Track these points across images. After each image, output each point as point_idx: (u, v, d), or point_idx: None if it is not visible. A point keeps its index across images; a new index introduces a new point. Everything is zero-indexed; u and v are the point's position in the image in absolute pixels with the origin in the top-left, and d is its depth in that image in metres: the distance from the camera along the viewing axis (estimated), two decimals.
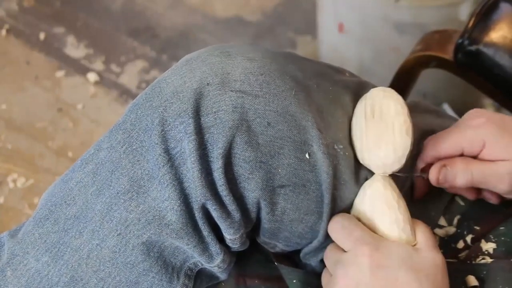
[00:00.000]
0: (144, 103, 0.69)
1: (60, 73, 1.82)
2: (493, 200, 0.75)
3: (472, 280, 0.68)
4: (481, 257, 0.71)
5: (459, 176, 0.70)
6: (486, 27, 0.95)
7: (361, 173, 0.70)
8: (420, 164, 0.74)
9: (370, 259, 0.62)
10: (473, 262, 0.70)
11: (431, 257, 0.63)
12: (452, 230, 0.77)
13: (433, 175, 0.71)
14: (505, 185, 0.69)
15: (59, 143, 1.67)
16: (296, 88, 0.69)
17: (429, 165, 0.73)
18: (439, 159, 0.72)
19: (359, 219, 0.68)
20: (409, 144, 0.67)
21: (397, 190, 0.68)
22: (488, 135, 0.70)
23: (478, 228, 0.75)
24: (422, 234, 0.66)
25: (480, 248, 0.72)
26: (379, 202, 0.67)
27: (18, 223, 1.43)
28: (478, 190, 0.75)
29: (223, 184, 0.66)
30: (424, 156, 0.73)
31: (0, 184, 1.58)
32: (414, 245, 0.65)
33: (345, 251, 0.66)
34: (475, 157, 0.71)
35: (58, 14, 1.98)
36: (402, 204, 0.67)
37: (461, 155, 0.71)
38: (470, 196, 0.75)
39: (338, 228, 0.67)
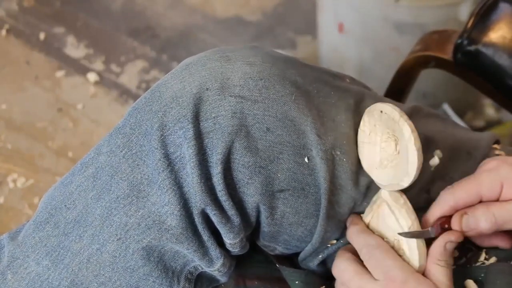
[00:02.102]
0: (144, 107, 0.69)
1: (60, 73, 1.82)
2: None
3: (471, 284, 0.67)
4: (479, 260, 0.71)
5: (482, 220, 0.66)
6: (485, 27, 0.95)
7: (361, 179, 0.70)
8: (436, 214, 0.69)
9: None
10: (472, 265, 0.70)
11: None
12: None
13: (456, 224, 0.67)
14: None
15: (59, 143, 1.67)
16: (296, 93, 0.69)
17: (447, 218, 0.68)
18: (457, 209, 0.68)
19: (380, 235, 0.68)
20: (421, 162, 0.65)
21: (405, 205, 0.68)
22: (504, 175, 0.67)
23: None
24: (435, 275, 0.65)
25: (479, 255, 0.72)
26: (386, 224, 0.67)
27: (18, 223, 1.43)
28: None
29: (222, 189, 0.66)
30: (441, 207, 0.68)
31: (0, 184, 1.58)
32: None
33: (373, 278, 0.65)
34: (496, 201, 0.68)
35: (58, 14, 1.98)
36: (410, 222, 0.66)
37: (481, 202, 0.68)
38: (507, 244, 0.71)
39: (368, 255, 0.66)
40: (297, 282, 0.73)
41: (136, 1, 2.01)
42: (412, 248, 0.66)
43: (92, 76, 1.81)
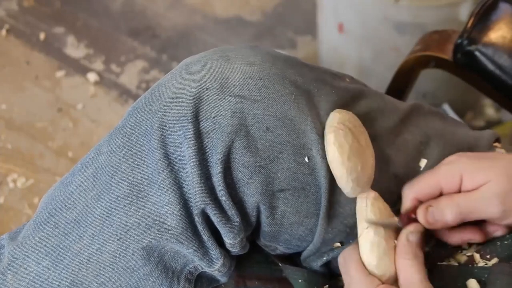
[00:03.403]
0: (144, 107, 0.69)
1: (60, 73, 1.82)
2: (500, 231, 0.71)
3: (473, 283, 0.67)
4: (482, 261, 0.70)
5: (446, 210, 0.66)
6: (485, 27, 0.95)
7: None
8: (404, 211, 0.69)
9: None
10: (474, 265, 0.70)
11: None
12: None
13: (421, 217, 0.67)
14: (495, 207, 0.66)
15: (59, 143, 1.67)
16: (295, 93, 0.69)
17: (413, 210, 0.69)
18: (419, 201, 0.69)
19: None
20: (344, 174, 0.66)
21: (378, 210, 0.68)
22: (463, 166, 0.68)
23: None
24: (403, 271, 0.64)
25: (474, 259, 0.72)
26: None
27: (18, 223, 1.43)
28: (483, 230, 0.71)
29: (222, 189, 0.66)
30: (404, 201, 0.70)
31: (0, 184, 1.58)
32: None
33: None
34: (457, 192, 0.68)
35: (58, 14, 1.98)
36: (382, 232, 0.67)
37: (441, 194, 0.69)
38: (478, 237, 0.71)
39: (341, 261, 0.68)
40: (300, 280, 0.73)
41: (136, 1, 2.01)
42: (365, 249, 0.66)
43: (92, 76, 1.81)
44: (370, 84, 0.84)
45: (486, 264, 0.70)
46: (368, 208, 0.67)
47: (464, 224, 0.70)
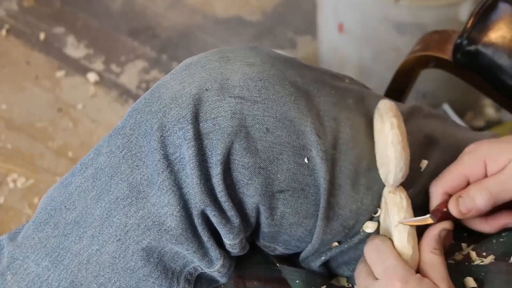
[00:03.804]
0: (143, 108, 0.69)
1: (60, 73, 1.82)
2: None
3: (470, 281, 0.68)
4: (479, 259, 0.71)
5: (477, 197, 0.66)
6: (485, 27, 0.95)
7: (360, 179, 0.70)
8: (435, 206, 0.70)
9: None
10: (471, 263, 0.70)
11: None
12: None
13: (454, 209, 0.68)
14: None
15: (59, 143, 1.67)
16: (295, 94, 0.69)
17: (444, 204, 0.69)
18: (448, 194, 0.69)
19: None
20: (399, 160, 0.66)
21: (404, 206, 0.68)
22: (484, 151, 0.68)
23: (465, 234, 0.75)
24: (431, 263, 0.65)
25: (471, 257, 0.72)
26: (389, 219, 0.68)
27: (18, 223, 1.43)
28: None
29: (222, 190, 0.66)
30: (434, 197, 0.70)
31: (0, 184, 1.58)
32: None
33: (376, 278, 0.65)
34: (484, 178, 0.69)
35: (58, 14, 1.98)
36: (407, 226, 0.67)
37: (468, 184, 0.69)
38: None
39: (373, 251, 0.67)
40: (297, 281, 0.73)
41: (136, 1, 2.01)
42: (402, 240, 0.66)
43: (92, 76, 1.81)
44: (370, 84, 0.84)
45: (482, 262, 0.70)
46: (403, 201, 0.67)
47: (497, 210, 0.70)
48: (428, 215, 0.68)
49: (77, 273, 0.70)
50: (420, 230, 0.68)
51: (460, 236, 0.74)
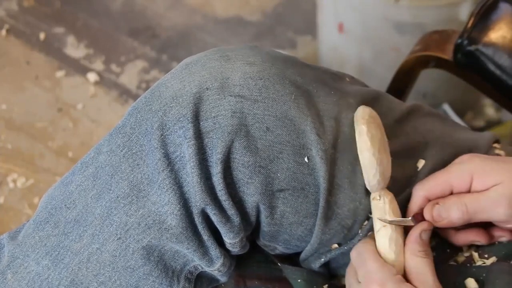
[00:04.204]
0: (144, 107, 0.70)
1: (60, 73, 1.82)
2: (507, 236, 0.71)
3: (471, 282, 0.68)
4: (481, 260, 0.71)
5: (453, 209, 0.67)
6: (485, 27, 0.95)
7: (358, 179, 0.70)
8: (413, 209, 0.70)
9: None
10: (473, 264, 0.70)
11: None
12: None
13: (427, 213, 0.68)
14: (503, 207, 0.66)
15: (59, 143, 1.67)
16: (295, 93, 0.69)
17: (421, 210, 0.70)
18: (428, 199, 0.70)
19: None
20: (373, 164, 0.66)
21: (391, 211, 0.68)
22: (474, 166, 0.68)
23: None
24: (415, 267, 0.65)
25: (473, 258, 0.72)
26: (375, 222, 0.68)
27: (18, 223, 1.43)
28: (489, 234, 0.72)
29: (222, 189, 0.67)
30: (414, 198, 0.70)
31: (0, 184, 1.58)
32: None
33: (359, 281, 0.66)
34: (467, 192, 0.69)
35: (58, 14, 1.98)
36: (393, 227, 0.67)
37: (451, 194, 0.69)
38: (483, 239, 0.71)
39: (356, 254, 0.67)
40: (299, 280, 0.73)
41: (136, 1, 2.01)
42: (384, 244, 0.66)
43: (92, 76, 1.81)
44: (370, 84, 0.84)
45: (484, 263, 0.70)
46: (386, 206, 0.67)
47: (470, 226, 0.70)
48: (409, 218, 0.69)
49: (78, 272, 0.70)
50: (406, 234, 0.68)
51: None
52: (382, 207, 0.67)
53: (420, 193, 0.70)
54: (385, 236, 0.66)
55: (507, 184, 0.66)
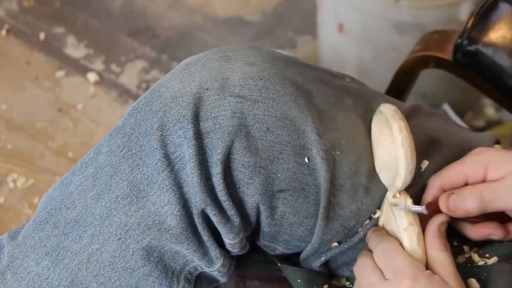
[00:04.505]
0: (144, 107, 0.70)
1: (60, 73, 1.82)
2: None
3: (473, 283, 0.67)
4: (482, 260, 0.71)
5: (469, 199, 0.67)
6: (485, 27, 0.95)
7: (360, 179, 0.70)
8: (427, 199, 0.70)
9: None
10: (474, 265, 0.70)
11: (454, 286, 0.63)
12: None
13: (443, 203, 0.68)
14: None
15: (59, 143, 1.67)
16: (296, 93, 0.69)
17: (436, 200, 0.70)
18: (443, 189, 0.70)
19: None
20: (410, 163, 0.66)
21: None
22: (488, 157, 0.69)
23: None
24: (437, 260, 0.65)
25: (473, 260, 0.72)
26: (391, 225, 0.68)
27: (18, 223, 1.43)
28: (505, 229, 0.71)
29: (222, 189, 0.66)
30: (429, 189, 0.70)
31: (0, 184, 1.58)
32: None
33: (384, 277, 0.65)
34: (482, 182, 0.69)
35: (58, 14, 1.98)
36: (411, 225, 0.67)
37: (466, 185, 0.69)
38: (500, 233, 0.71)
39: (381, 255, 0.66)
40: (299, 280, 0.73)
41: (136, 1, 2.01)
42: (412, 242, 0.66)
43: (92, 76, 1.81)
44: (370, 84, 0.84)
45: (485, 263, 0.70)
46: (408, 204, 0.68)
47: (487, 220, 0.70)
48: (423, 206, 0.68)
49: (77, 272, 0.70)
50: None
51: (460, 236, 0.74)
52: (404, 201, 0.68)
53: (435, 183, 0.70)
54: (413, 234, 0.66)
55: None
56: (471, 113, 1.68)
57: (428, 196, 0.70)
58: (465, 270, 0.69)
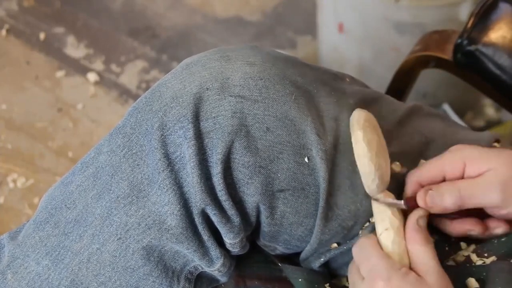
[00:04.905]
0: (144, 107, 0.70)
1: (60, 73, 1.82)
2: (502, 227, 0.70)
3: (472, 282, 0.67)
4: (480, 259, 0.71)
5: (446, 195, 0.67)
6: (485, 27, 0.95)
7: (359, 181, 0.69)
8: (407, 194, 0.70)
9: None
10: (473, 264, 0.70)
11: (433, 283, 0.62)
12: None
13: (420, 199, 0.68)
14: (496, 193, 0.66)
15: (59, 143, 1.67)
16: (296, 93, 0.69)
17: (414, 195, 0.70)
18: (421, 185, 0.70)
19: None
20: (371, 170, 0.66)
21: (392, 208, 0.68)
22: (467, 154, 0.68)
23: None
24: (416, 256, 0.64)
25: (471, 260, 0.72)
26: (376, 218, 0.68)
27: (18, 223, 1.43)
28: (485, 225, 0.71)
29: (222, 189, 0.67)
30: (408, 184, 0.70)
31: (0, 184, 1.58)
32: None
33: (363, 277, 0.65)
34: (460, 179, 0.69)
35: (58, 14, 1.98)
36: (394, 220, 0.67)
37: (443, 181, 0.69)
38: (478, 229, 0.71)
39: (357, 251, 0.66)
40: (300, 280, 0.73)
41: (136, 1, 2.01)
42: (387, 248, 0.65)
43: (92, 76, 1.81)
44: (370, 84, 0.84)
45: (484, 263, 0.70)
46: (387, 209, 0.67)
47: (466, 216, 0.70)
48: (401, 201, 0.68)
49: (78, 272, 0.71)
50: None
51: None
52: (384, 210, 0.67)
53: (413, 179, 0.70)
54: (387, 239, 0.66)
55: (500, 169, 0.66)
56: (471, 113, 1.68)
57: (407, 191, 0.70)
58: (464, 269, 0.69)
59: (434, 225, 0.72)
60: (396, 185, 0.71)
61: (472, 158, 0.68)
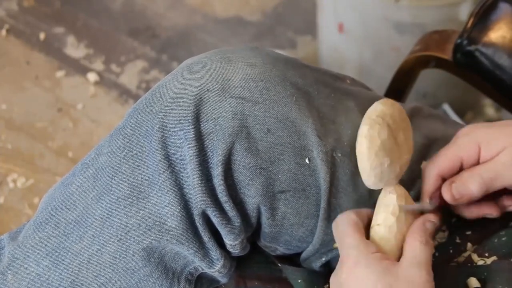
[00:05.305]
0: (144, 108, 0.70)
1: (60, 73, 1.82)
2: None
3: (473, 282, 0.67)
4: (481, 259, 0.71)
5: (470, 183, 0.66)
6: (485, 27, 0.95)
7: (361, 182, 0.69)
8: (429, 190, 0.69)
9: (348, 276, 0.61)
10: (474, 264, 0.70)
11: (409, 275, 0.61)
12: (444, 234, 0.76)
13: (447, 194, 0.67)
14: None
15: (59, 143, 1.67)
16: (296, 94, 0.69)
17: (438, 190, 0.69)
18: (442, 177, 0.69)
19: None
20: (366, 166, 0.64)
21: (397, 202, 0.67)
22: (479, 135, 0.68)
23: (469, 233, 0.75)
24: (411, 249, 0.63)
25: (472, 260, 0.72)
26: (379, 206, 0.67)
27: (18, 223, 1.43)
28: (499, 205, 0.71)
29: (223, 191, 0.67)
30: (428, 179, 0.69)
31: (0, 184, 1.58)
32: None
33: None
34: (476, 162, 0.69)
35: (58, 14, 1.98)
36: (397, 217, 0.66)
37: (462, 169, 0.69)
38: (495, 212, 0.70)
39: (335, 229, 0.66)
40: (299, 280, 0.73)
41: (136, 1, 2.01)
42: (390, 226, 0.65)
43: (92, 76, 1.81)
44: (370, 84, 0.84)
45: (485, 262, 0.70)
46: (394, 200, 0.66)
47: (480, 200, 0.70)
48: (427, 201, 0.68)
49: (78, 273, 0.71)
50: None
51: (448, 221, 0.74)
52: (390, 198, 0.66)
53: (433, 172, 0.69)
54: (378, 233, 0.65)
55: None
56: (471, 113, 1.68)
57: (429, 187, 0.69)
58: (465, 269, 0.69)
59: (455, 224, 0.72)
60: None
61: (485, 139, 0.68)
